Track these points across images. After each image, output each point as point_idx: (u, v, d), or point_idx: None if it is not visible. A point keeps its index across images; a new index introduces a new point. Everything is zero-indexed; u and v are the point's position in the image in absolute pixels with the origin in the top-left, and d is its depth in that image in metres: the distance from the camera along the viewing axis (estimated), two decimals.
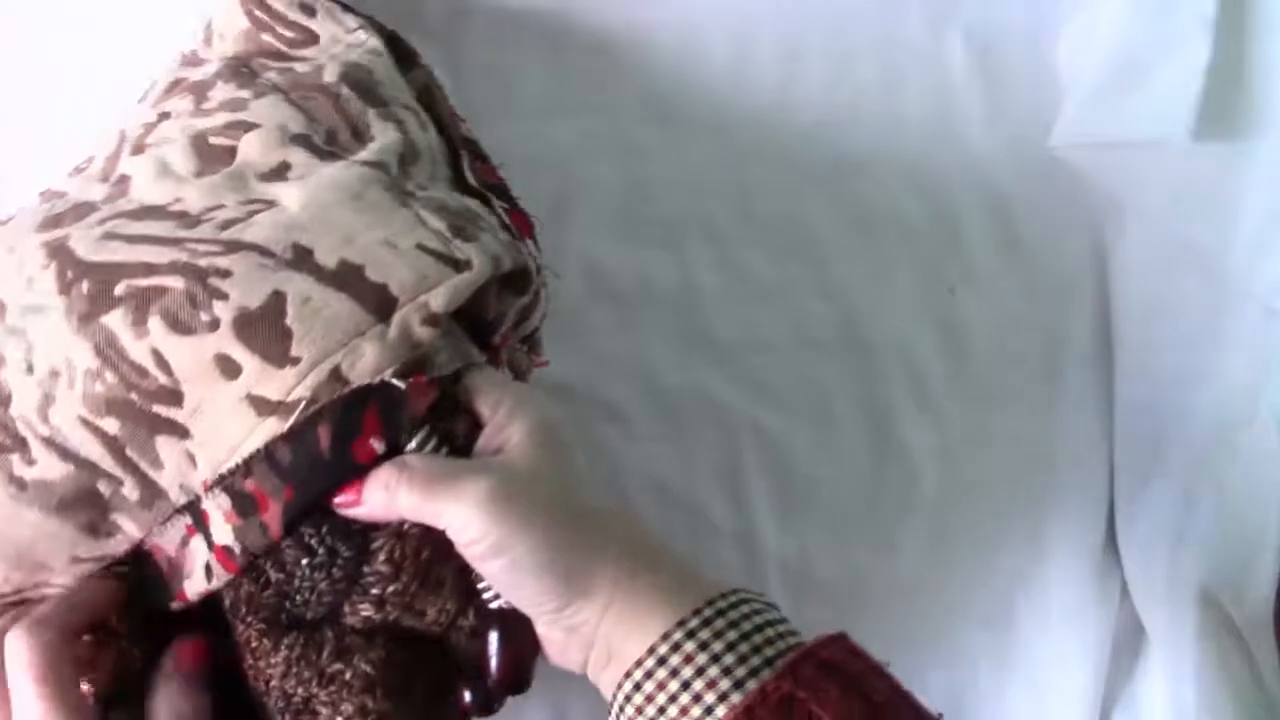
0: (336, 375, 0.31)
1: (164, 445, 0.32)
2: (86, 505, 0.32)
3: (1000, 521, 0.53)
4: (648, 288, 0.52)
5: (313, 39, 0.43)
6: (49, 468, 0.32)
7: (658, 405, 0.51)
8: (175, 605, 0.33)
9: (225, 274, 0.32)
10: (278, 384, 0.31)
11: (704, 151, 0.53)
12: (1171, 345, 0.51)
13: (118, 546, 0.33)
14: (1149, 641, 0.52)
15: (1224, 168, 0.48)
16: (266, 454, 0.31)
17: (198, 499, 0.32)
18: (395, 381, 0.32)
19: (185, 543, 0.32)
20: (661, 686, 0.31)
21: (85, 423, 0.32)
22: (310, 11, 0.43)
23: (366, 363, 0.32)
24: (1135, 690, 0.52)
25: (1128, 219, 0.52)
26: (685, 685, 0.30)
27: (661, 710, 0.31)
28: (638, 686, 0.31)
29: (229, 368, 0.31)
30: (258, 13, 0.43)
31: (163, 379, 0.31)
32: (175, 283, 0.32)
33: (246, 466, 0.31)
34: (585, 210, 0.52)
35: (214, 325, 0.31)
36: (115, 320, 0.32)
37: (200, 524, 0.32)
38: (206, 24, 0.45)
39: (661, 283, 0.52)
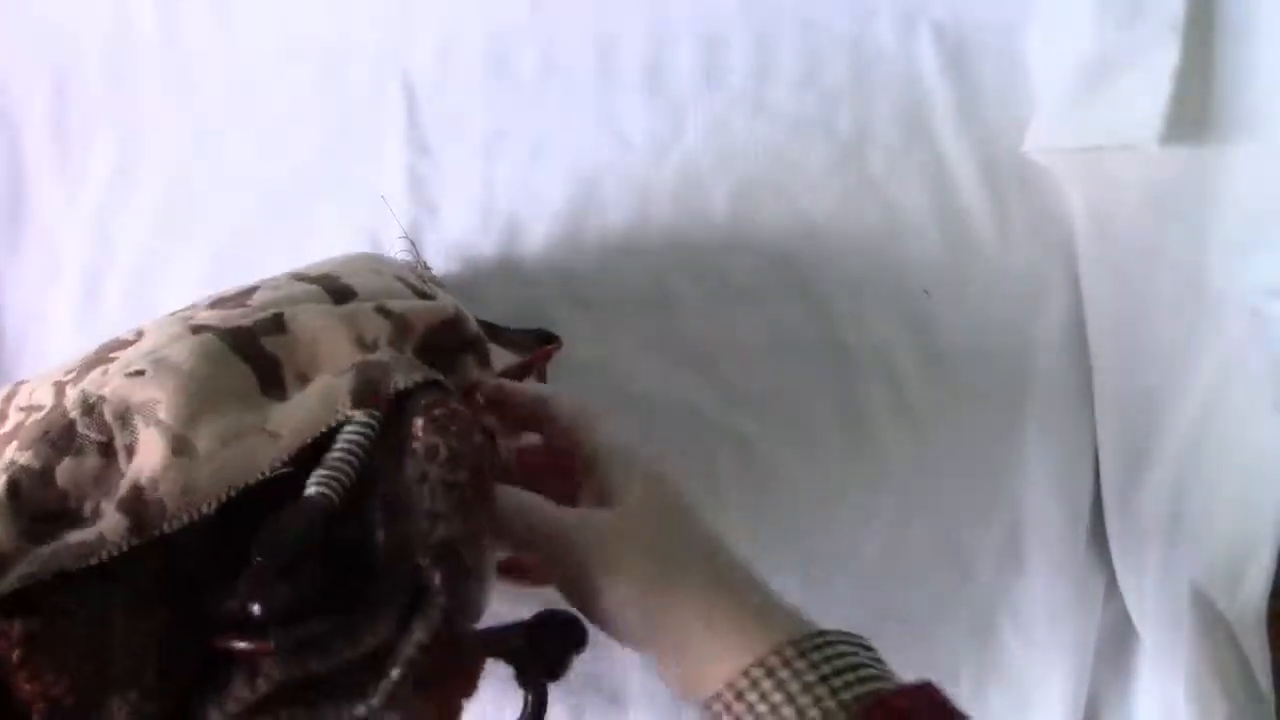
0: None
1: None
2: None
3: (979, 526, 0.52)
4: (621, 295, 0.52)
5: None
6: None
7: (633, 411, 0.51)
8: None
9: None
10: None
11: (672, 158, 0.53)
12: (1149, 345, 0.51)
13: None
14: (1140, 640, 0.51)
15: (1196, 170, 0.48)
16: None
17: None
18: None
19: None
20: None
21: None
22: None
23: None
24: (1126, 689, 0.51)
25: (1101, 220, 0.52)
26: None
27: None
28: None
29: None
30: None
31: None
32: None
33: None
34: (542, 222, 0.52)
35: None
36: None
37: None
38: None
39: (635, 289, 0.52)
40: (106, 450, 0.32)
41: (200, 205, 0.52)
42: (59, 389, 0.33)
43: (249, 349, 0.33)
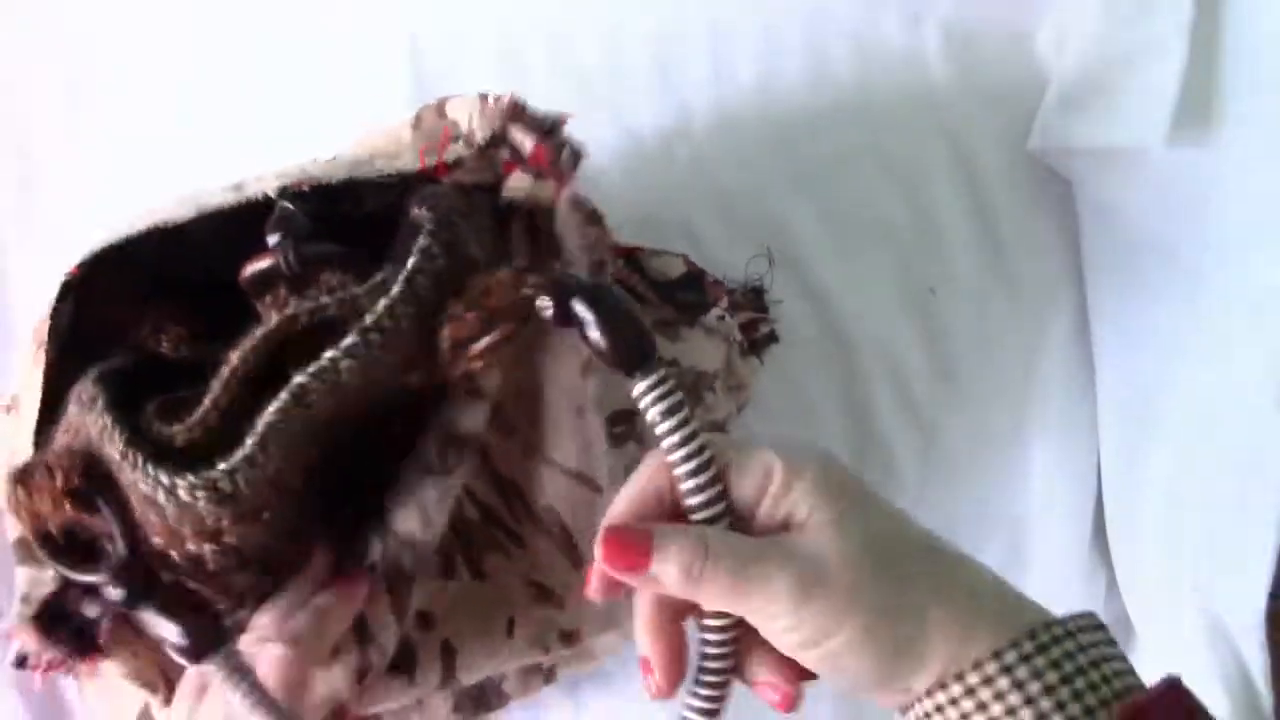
0: None
1: None
2: None
3: (983, 524, 0.52)
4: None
5: None
6: None
7: None
8: None
9: None
10: None
11: (682, 153, 0.53)
12: (1152, 344, 0.51)
13: None
14: (1138, 640, 0.52)
15: (1201, 169, 0.48)
16: None
17: None
18: None
19: None
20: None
21: None
22: None
23: None
24: None
25: (1106, 219, 0.52)
26: None
27: None
28: (939, 709, 0.28)
29: None
30: None
31: None
32: None
33: None
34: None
35: None
36: None
37: None
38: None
39: None
40: None
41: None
42: None
43: None
